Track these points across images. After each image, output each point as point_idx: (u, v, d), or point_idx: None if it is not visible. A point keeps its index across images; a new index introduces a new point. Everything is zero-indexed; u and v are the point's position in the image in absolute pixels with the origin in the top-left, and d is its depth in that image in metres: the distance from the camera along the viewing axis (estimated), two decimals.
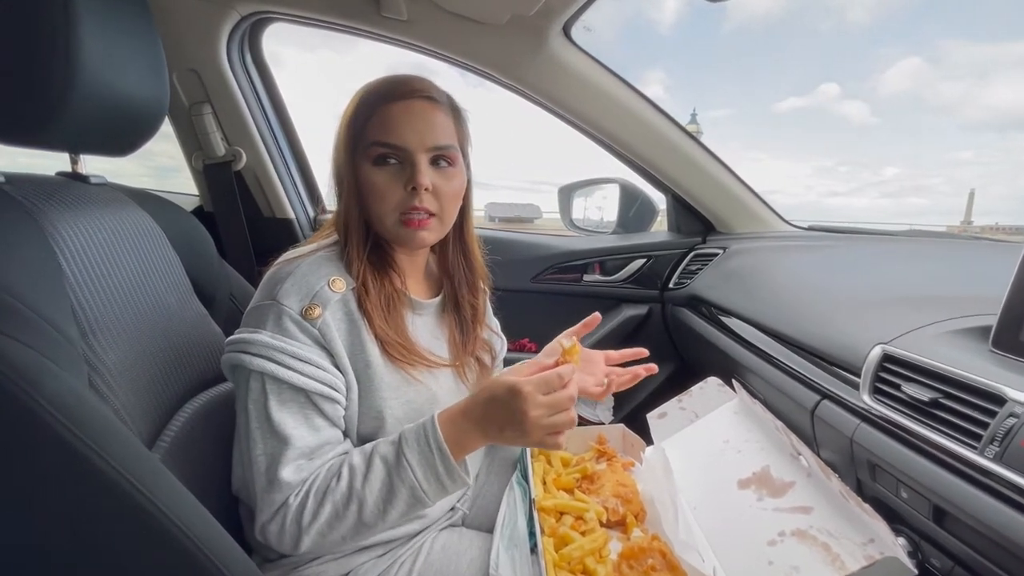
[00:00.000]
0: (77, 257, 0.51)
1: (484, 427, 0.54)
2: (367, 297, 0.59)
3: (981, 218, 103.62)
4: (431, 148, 0.59)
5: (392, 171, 0.59)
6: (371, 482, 0.53)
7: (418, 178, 0.58)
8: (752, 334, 0.91)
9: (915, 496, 0.53)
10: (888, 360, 0.59)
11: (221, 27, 1.15)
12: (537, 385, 0.51)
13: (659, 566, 0.59)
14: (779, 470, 0.69)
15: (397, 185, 0.59)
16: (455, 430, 0.54)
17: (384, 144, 0.58)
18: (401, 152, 0.58)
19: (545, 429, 0.52)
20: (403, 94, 0.59)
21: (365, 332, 0.58)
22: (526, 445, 0.53)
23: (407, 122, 0.58)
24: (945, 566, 0.52)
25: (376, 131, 0.58)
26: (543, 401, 0.51)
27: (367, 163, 0.59)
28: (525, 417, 0.51)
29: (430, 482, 0.53)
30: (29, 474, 0.37)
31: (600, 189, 1.53)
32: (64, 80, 0.49)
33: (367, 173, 0.59)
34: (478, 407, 0.54)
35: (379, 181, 0.58)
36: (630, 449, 0.85)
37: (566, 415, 0.52)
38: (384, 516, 0.53)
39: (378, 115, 0.58)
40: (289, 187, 1.37)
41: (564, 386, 0.52)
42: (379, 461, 0.54)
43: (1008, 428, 0.45)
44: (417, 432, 0.54)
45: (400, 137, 0.58)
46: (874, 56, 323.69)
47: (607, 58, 1.06)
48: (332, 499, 0.52)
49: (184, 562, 0.40)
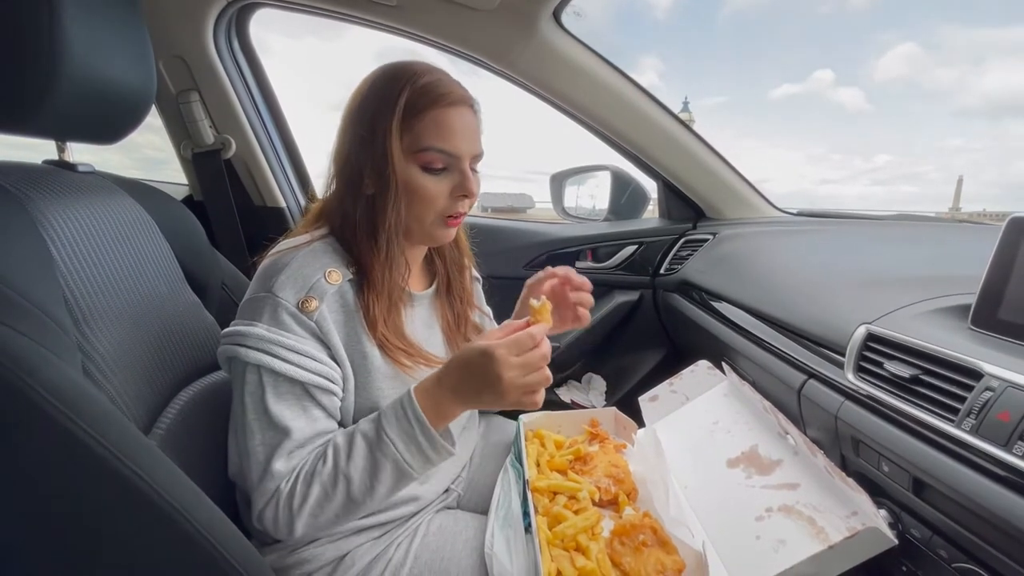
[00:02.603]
0: (68, 245, 0.51)
1: (460, 393, 0.54)
2: (373, 297, 0.59)
3: (969, 205, 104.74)
4: (474, 156, 0.61)
5: (441, 177, 0.60)
6: (355, 460, 0.53)
7: (470, 187, 0.60)
8: (741, 317, 0.92)
9: (896, 469, 0.55)
10: (872, 339, 0.61)
11: (207, 13, 1.14)
12: (509, 347, 0.51)
13: (650, 542, 0.61)
14: (767, 449, 0.71)
15: (444, 191, 0.60)
16: (431, 399, 0.54)
17: (441, 151, 0.58)
18: (453, 160, 0.59)
19: (521, 389, 0.52)
20: (457, 100, 0.59)
21: (361, 323, 0.58)
22: (504, 407, 0.54)
23: (463, 131, 0.59)
24: (924, 535, 0.54)
25: (431, 136, 0.58)
26: (516, 362, 0.51)
27: (414, 166, 0.59)
28: (500, 380, 0.51)
29: (412, 454, 0.54)
30: (28, 462, 0.37)
31: (592, 176, 1.53)
32: (49, 67, 0.48)
33: (415, 177, 0.59)
34: (452, 374, 0.54)
35: (430, 187, 0.59)
36: (622, 431, 0.86)
37: (540, 374, 0.53)
38: (372, 492, 0.54)
39: (433, 118, 0.58)
40: (280, 175, 1.36)
41: (536, 345, 0.53)
42: (360, 438, 0.55)
43: (984, 402, 0.46)
44: (395, 406, 0.55)
45: (455, 145, 0.59)
46: (869, 42, 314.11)
47: (601, 43, 1.06)
48: (319, 480, 0.53)
49: (185, 546, 0.41)
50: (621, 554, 0.59)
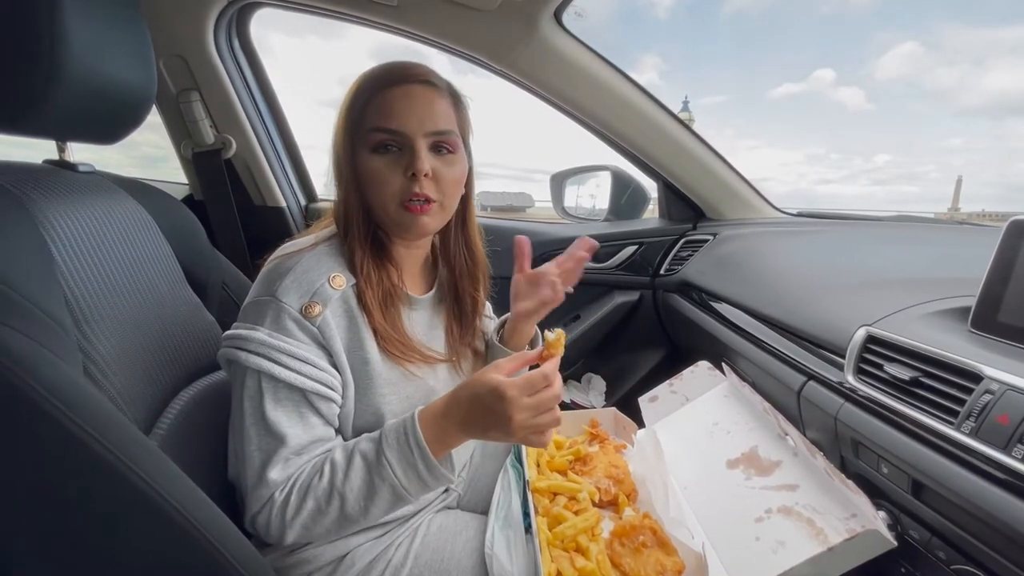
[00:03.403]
0: (68, 246, 0.51)
1: (467, 427, 0.53)
2: (367, 290, 0.58)
3: (968, 205, 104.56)
4: (430, 133, 0.58)
5: (392, 158, 0.57)
6: (351, 480, 0.53)
7: (417, 164, 0.56)
8: (741, 318, 0.93)
9: (895, 471, 0.55)
10: (872, 341, 0.61)
11: (208, 12, 1.14)
12: (522, 388, 0.50)
13: (650, 543, 0.61)
14: (766, 450, 0.71)
15: (397, 172, 0.57)
16: (436, 428, 0.54)
17: (383, 130, 0.56)
18: (400, 137, 0.57)
19: (530, 429, 0.51)
20: (402, 79, 0.57)
21: (364, 329, 0.58)
22: (510, 442, 0.54)
23: (406, 107, 0.57)
24: (923, 537, 0.54)
25: (374, 117, 0.57)
26: (528, 403, 0.50)
27: (366, 150, 0.57)
28: (510, 421, 0.50)
29: (411, 480, 0.53)
30: (28, 461, 0.37)
31: (592, 177, 1.53)
32: (49, 66, 0.48)
33: (366, 160, 0.58)
34: (460, 406, 0.53)
35: (378, 168, 0.57)
36: (622, 432, 0.87)
37: (551, 415, 0.52)
38: (366, 512, 0.54)
39: (376, 100, 0.57)
40: (280, 175, 1.36)
41: (549, 385, 0.52)
42: (359, 459, 0.54)
43: (984, 404, 0.46)
44: (398, 431, 0.54)
45: (399, 122, 0.56)
46: (871, 41, 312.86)
47: (602, 41, 1.06)
48: (314, 495, 0.53)
49: (185, 545, 0.41)
50: (621, 555, 0.59)
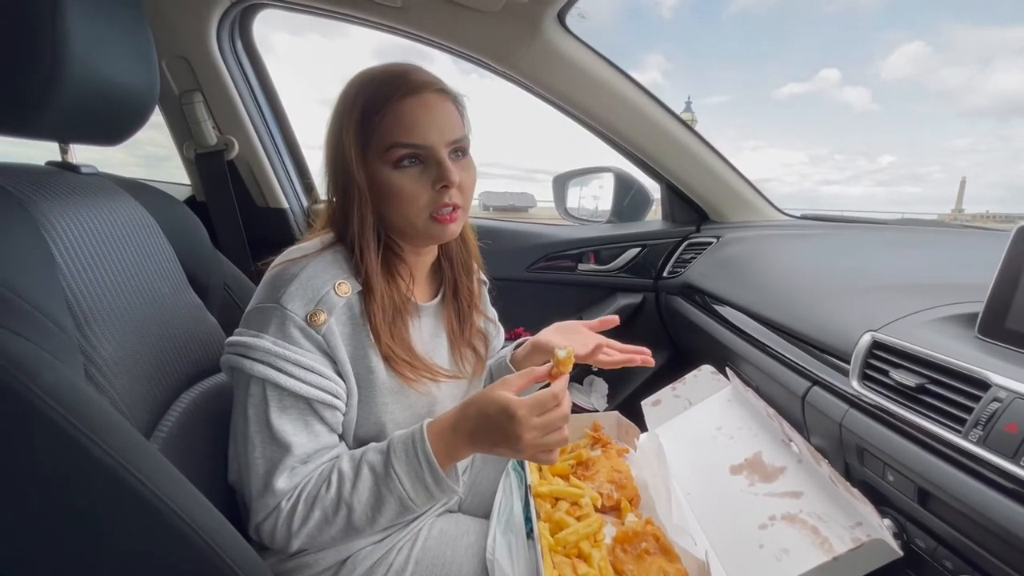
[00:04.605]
0: (70, 247, 0.51)
1: (475, 442, 0.54)
2: (378, 312, 0.57)
3: (972, 206, 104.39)
4: (450, 142, 0.57)
5: (417, 171, 0.56)
6: (359, 491, 0.53)
7: (449, 176, 0.56)
8: (745, 322, 0.92)
9: (901, 479, 0.55)
10: (877, 347, 0.60)
11: (211, 13, 1.14)
12: (531, 408, 0.50)
13: (653, 549, 0.60)
14: (770, 456, 0.71)
15: (425, 185, 0.56)
16: (444, 441, 0.54)
17: (406, 145, 0.55)
18: (425, 151, 0.56)
19: (538, 448, 0.52)
20: (414, 88, 0.56)
21: (368, 337, 0.58)
22: (518, 459, 0.54)
23: (427, 119, 0.56)
24: (929, 546, 0.54)
25: (394, 132, 0.55)
26: (537, 423, 0.50)
27: (386, 166, 0.56)
28: (519, 439, 0.50)
29: (418, 492, 0.54)
30: (28, 465, 0.37)
31: (595, 178, 1.53)
32: (51, 68, 0.48)
33: (388, 177, 0.56)
34: (469, 422, 0.54)
35: (404, 185, 0.56)
36: (624, 436, 0.86)
37: (559, 434, 0.52)
38: (373, 522, 0.54)
39: (393, 114, 0.55)
40: (283, 176, 1.35)
41: (558, 404, 0.52)
42: (367, 470, 0.54)
43: (991, 412, 0.46)
44: (406, 443, 0.54)
45: (422, 136, 0.55)
46: (877, 40, 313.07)
47: (606, 41, 1.06)
48: (321, 505, 0.53)
49: (186, 549, 0.41)
50: (623, 561, 0.59)
